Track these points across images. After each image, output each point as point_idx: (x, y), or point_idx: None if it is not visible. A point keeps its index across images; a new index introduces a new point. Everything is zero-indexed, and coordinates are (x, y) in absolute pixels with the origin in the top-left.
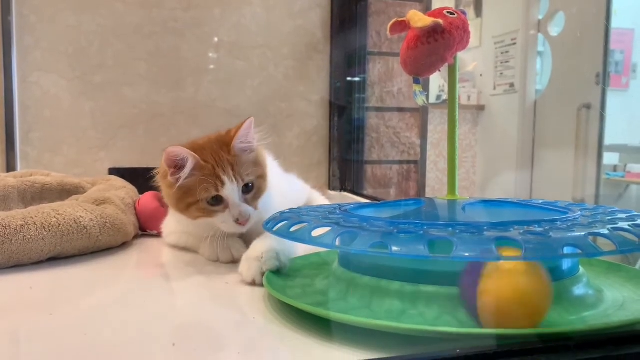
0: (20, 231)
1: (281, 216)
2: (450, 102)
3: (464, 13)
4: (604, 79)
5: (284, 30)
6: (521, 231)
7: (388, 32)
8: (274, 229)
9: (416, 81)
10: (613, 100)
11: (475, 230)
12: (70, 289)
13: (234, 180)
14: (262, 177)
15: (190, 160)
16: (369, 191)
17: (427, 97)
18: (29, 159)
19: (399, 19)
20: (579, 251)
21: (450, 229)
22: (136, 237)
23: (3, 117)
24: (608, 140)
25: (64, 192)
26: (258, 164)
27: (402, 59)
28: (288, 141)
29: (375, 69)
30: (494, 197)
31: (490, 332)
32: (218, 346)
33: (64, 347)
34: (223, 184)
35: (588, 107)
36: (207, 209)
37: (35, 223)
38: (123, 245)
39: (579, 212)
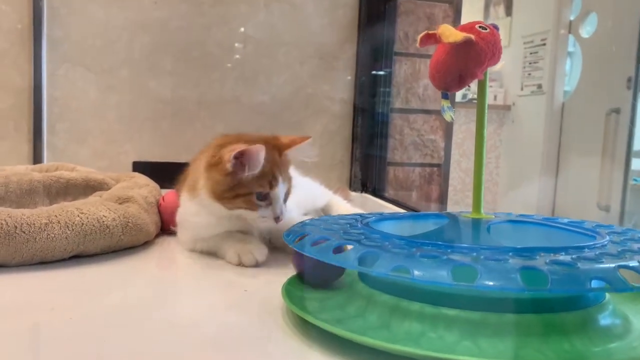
0: (45, 229)
1: (302, 229)
2: (478, 118)
3: (496, 28)
4: (635, 83)
5: (311, 29)
6: (547, 260)
7: (418, 44)
8: (295, 242)
9: (445, 96)
10: None
11: (500, 256)
12: (89, 290)
13: (285, 182)
14: (291, 181)
15: (262, 160)
16: (390, 193)
17: (454, 112)
18: (55, 149)
19: (430, 32)
20: (608, 285)
21: (475, 253)
22: (158, 235)
23: (32, 108)
24: (637, 146)
25: (88, 187)
26: (288, 171)
27: (430, 73)
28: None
29: (401, 69)
30: (516, 201)
31: None
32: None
33: (76, 349)
34: (277, 183)
35: (617, 111)
36: (254, 202)
37: (59, 222)
38: (145, 245)
39: (607, 238)
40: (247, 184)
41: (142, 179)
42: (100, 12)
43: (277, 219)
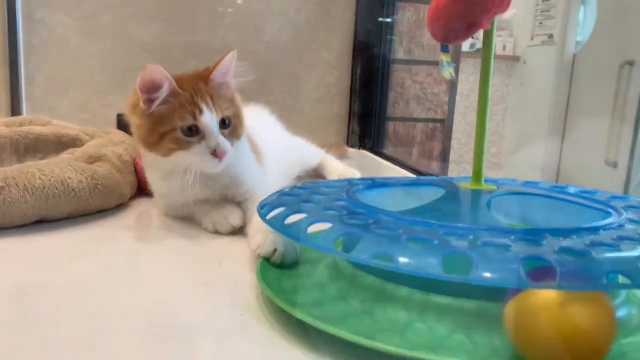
0: (0, 193)
1: (278, 200)
2: (482, 76)
3: None
4: None
5: None
6: (556, 247)
7: None
8: (268, 217)
9: (444, 49)
10: None
11: (500, 239)
12: (49, 259)
13: (213, 110)
14: (238, 117)
15: (167, 83)
16: (389, 149)
17: (457, 69)
18: (35, 100)
19: None
20: (628, 280)
21: (471, 236)
22: (135, 197)
23: (7, 55)
24: None
25: (60, 144)
26: (235, 104)
27: (429, 21)
28: (306, 92)
29: (404, 17)
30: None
31: None
32: (191, 349)
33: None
34: (201, 112)
35: (631, 63)
36: (181, 139)
37: (17, 184)
38: (118, 207)
39: (624, 215)
40: (168, 119)
41: (118, 135)
42: None
43: (215, 153)
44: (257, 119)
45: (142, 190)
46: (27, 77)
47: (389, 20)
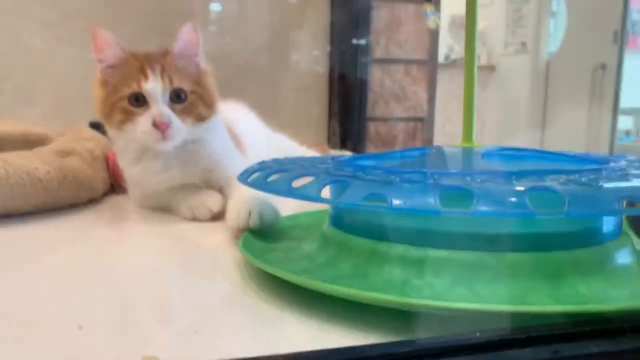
0: None
1: (260, 165)
2: (468, 27)
3: None
4: (622, 37)
5: None
6: (561, 180)
7: None
8: (249, 180)
9: None
10: (630, 62)
11: (501, 179)
12: (13, 250)
13: (160, 78)
14: (201, 97)
15: (116, 49)
16: (371, 150)
17: (440, 19)
18: (2, 109)
19: None
20: None
21: (468, 178)
22: (106, 194)
23: None
24: (623, 103)
25: (28, 143)
26: (199, 83)
27: None
28: (284, 94)
29: (380, 16)
30: None
31: (519, 310)
32: (173, 321)
33: None
34: (147, 79)
35: (604, 67)
36: (127, 109)
37: None
38: (89, 203)
39: (623, 162)
40: (117, 87)
41: (88, 132)
42: None
43: (156, 124)
44: (236, 112)
45: (116, 187)
46: None
47: (365, 21)
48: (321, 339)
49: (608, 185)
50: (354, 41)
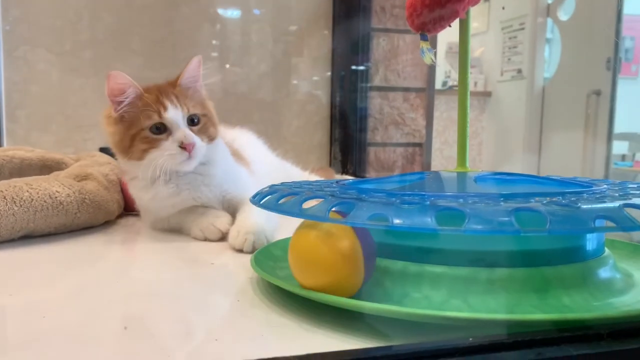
0: None
1: (270, 189)
2: (461, 61)
3: None
4: (615, 64)
5: (285, 5)
6: (544, 202)
7: None
8: (261, 202)
9: (423, 37)
10: (623, 88)
11: (491, 201)
12: (39, 269)
13: (178, 106)
14: (209, 119)
15: (132, 87)
16: (371, 174)
17: (435, 54)
18: (16, 137)
19: None
20: (613, 224)
21: (461, 200)
22: (121, 216)
23: None
24: (618, 129)
25: (45, 167)
26: (205, 107)
27: (408, 12)
28: (287, 121)
29: (379, 46)
30: None
31: (508, 318)
32: (194, 331)
33: (16, 330)
34: (166, 109)
35: (598, 93)
36: (150, 137)
37: (5, 197)
38: (105, 224)
39: (605, 186)
40: (136, 121)
41: (103, 157)
42: None
43: (183, 146)
44: (244, 139)
45: (129, 210)
46: (8, 114)
47: (364, 50)
48: (329, 344)
49: (586, 206)
50: (354, 69)
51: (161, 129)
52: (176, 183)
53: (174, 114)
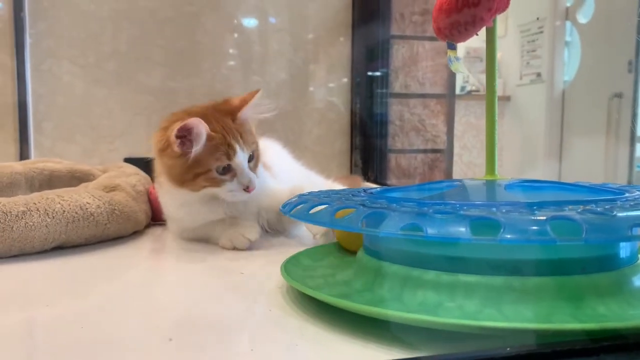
0: (22, 217)
1: (299, 199)
2: (488, 70)
3: None
4: (636, 66)
5: (304, 14)
6: (579, 210)
7: None
8: (292, 212)
9: (451, 46)
10: None
11: (524, 210)
12: (72, 280)
13: (243, 147)
14: (258, 149)
15: (205, 131)
16: (392, 181)
17: (462, 63)
18: (43, 148)
19: None
20: None
21: (494, 209)
22: (148, 226)
23: (16, 105)
24: None
25: (74, 179)
26: (253, 134)
27: (434, 22)
28: (308, 129)
29: (399, 53)
30: None
31: (545, 328)
32: (230, 341)
33: (55, 341)
34: (235, 152)
35: (620, 96)
36: (216, 178)
37: (38, 209)
38: (134, 234)
39: (638, 193)
40: (203, 161)
41: (130, 168)
42: (85, 3)
43: (247, 189)
44: (272, 151)
45: (156, 220)
46: (35, 126)
47: (384, 58)
48: (363, 355)
49: (621, 214)
50: (374, 76)
51: (226, 169)
52: (212, 203)
53: (242, 158)
